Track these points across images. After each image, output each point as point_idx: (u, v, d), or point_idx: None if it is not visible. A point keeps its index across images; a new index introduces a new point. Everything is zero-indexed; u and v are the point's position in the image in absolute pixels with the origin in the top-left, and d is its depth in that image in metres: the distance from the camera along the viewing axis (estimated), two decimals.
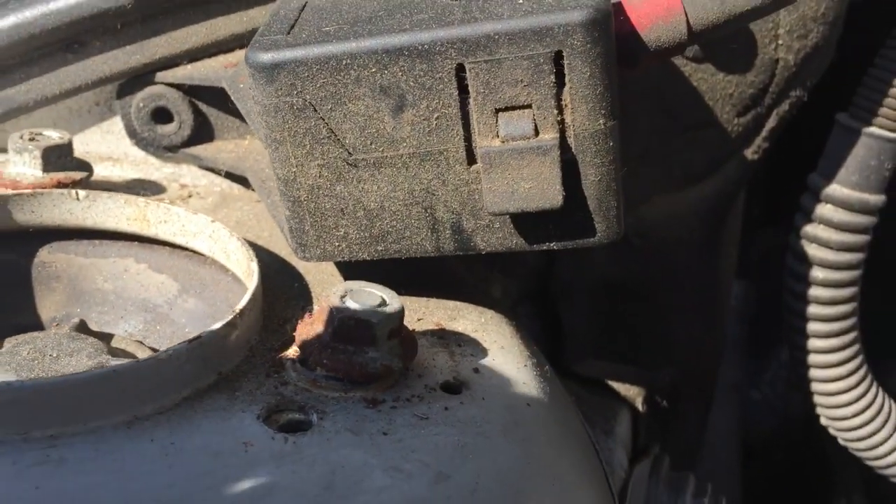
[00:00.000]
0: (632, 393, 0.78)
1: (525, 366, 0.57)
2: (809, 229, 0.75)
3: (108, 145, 0.73)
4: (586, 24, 0.49)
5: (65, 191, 0.62)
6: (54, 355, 0.54)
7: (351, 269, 0.60)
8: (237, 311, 0.51)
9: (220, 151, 0.71)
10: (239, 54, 0.68)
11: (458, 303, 0.61)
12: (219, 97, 0.69)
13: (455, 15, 0.51)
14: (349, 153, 0.53)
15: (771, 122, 0.76)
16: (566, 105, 0.51)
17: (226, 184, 0.73)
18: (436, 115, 0.52)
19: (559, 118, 0.51)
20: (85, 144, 0.72)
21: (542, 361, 0.61)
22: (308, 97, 0.51)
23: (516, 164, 0.52)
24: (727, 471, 1.19)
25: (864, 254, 0.75)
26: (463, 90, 0.51)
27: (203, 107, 0.71)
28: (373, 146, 0.53)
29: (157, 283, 0.64)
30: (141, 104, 0.70)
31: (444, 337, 0.56)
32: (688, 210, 0.76)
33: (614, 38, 0.51)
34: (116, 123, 0.72)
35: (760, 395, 1.41)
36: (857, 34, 0.76)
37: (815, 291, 0.76)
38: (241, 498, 0.41)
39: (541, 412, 0.54)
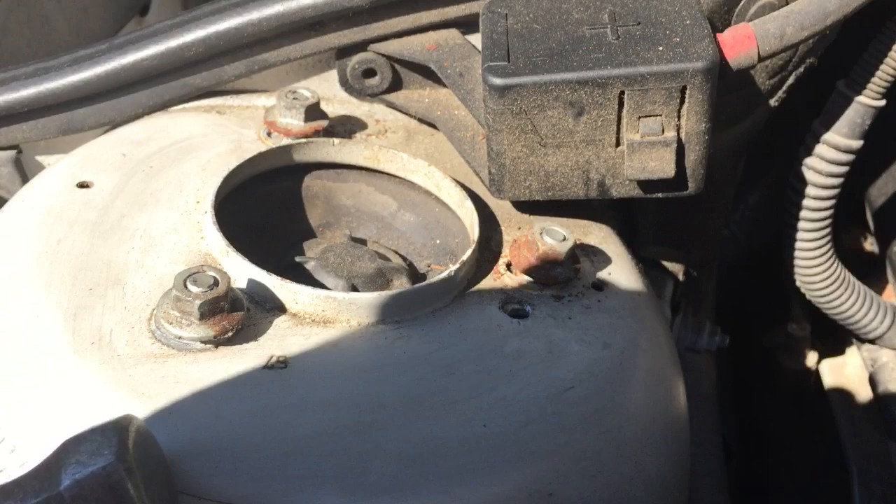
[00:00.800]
0: (675, 268, 1.12)
1: (632, 268, 0.90)
2: (808, 160, 1.07)
3: (322, 89, 1.00)
4: (704, 70, 0.79)
5: (326, 139, 0.91)
6: (349, 260, 0.85)
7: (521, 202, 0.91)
8: (474, 240, 0.82)
9: (409, 99, 0.99)
10: (433, 36, 0.95)
11: (585, 221, 0.92)
12: (409, 63, 0.97)
13: (620, 57, 0.80)
14: (542, 139, 0.83)
15: (790, 81, 1.06)
16: (683, 115, 0.81)
17: (406, 120, 1.01)
18: (601, 119, 0.82)
19: (678, 123, 0.82)
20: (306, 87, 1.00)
21: (635, 260, 0.94)
22: (523, 106, 0.81)
23: (648, 151, 0.82)
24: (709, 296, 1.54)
25: (844, 179, 1.08)
26: (620, 105, 0.81)
27: (398, 66, 0.98)
28: (558, 136, 0.83)
29: (382, 201, 0.94)
30: (356, 65, 0.97)
31: (584, 250, 0.89)
32: (727, 144, 1.07)
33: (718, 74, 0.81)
34: (332, 74, 1.00)
35: (729, 232, 1.75)
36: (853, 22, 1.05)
37: (806, 202, 1.09)
38: (507, 358, 0.75)
39: (644, 297, 0.88)
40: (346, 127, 0.98)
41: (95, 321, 0.70)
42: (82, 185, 0.83)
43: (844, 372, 1.46)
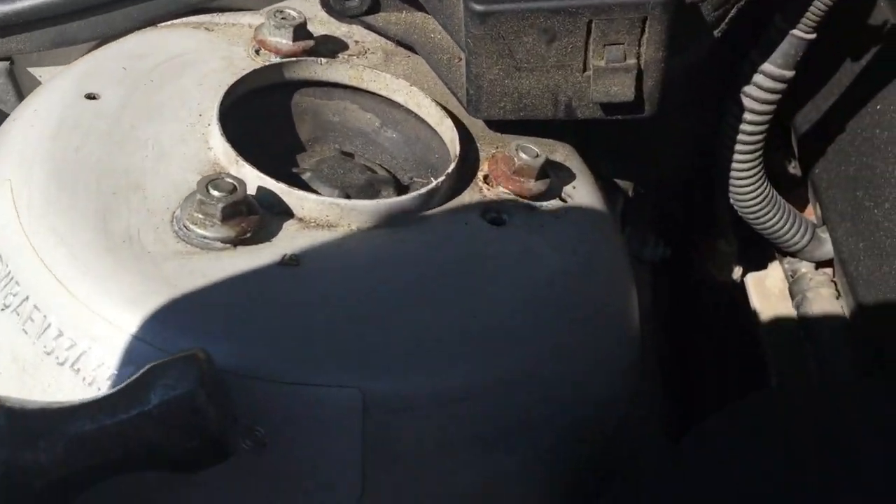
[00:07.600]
0: (625, 185, 1.23)
1: (592, 183, 1.00)
2: (745, 88, 1.18)
3: (304, 9, 1.06)
4: (664, 3, 0.88)
5: (313, 59, 0.98)
6: (342, 172, 0.92)
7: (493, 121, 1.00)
8: (456, 155, 0.90)
9: (387, 22, 1.05)
10: None
11: (550, 140, 1.02)
12: None
13: None
14: (517, 63, 0.91)
15: (731, 14, 1.16)
16: (643, 44, 0.91)
17: (383, 41, 1.08)
18: (570, 46, 0.90)
19: (638, 51, 0.91)
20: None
21: (594, 176, 1.04)
22: (501, 32, 0.89)
23: (611, 76, 0.91)
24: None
25: (776, 106, 1.19)
26: (588, 33, 0.90)
27: None
28: (531, 60, 0.91)
29: (366, 118, 1.01)
30: None
31: (552, 165, 0.98)
32: (674, 71, 1.17)
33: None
34: None
35: None
36: None
37: (742, 126, 1.21)
38: (489, 259, 0.84)
39: (602, 210, 0.98)
40: (328, 46, 1.04)
41: (123, 222, 0.77)
42: (90, 97, 0.88)
43: (766, 283, 1.61)
